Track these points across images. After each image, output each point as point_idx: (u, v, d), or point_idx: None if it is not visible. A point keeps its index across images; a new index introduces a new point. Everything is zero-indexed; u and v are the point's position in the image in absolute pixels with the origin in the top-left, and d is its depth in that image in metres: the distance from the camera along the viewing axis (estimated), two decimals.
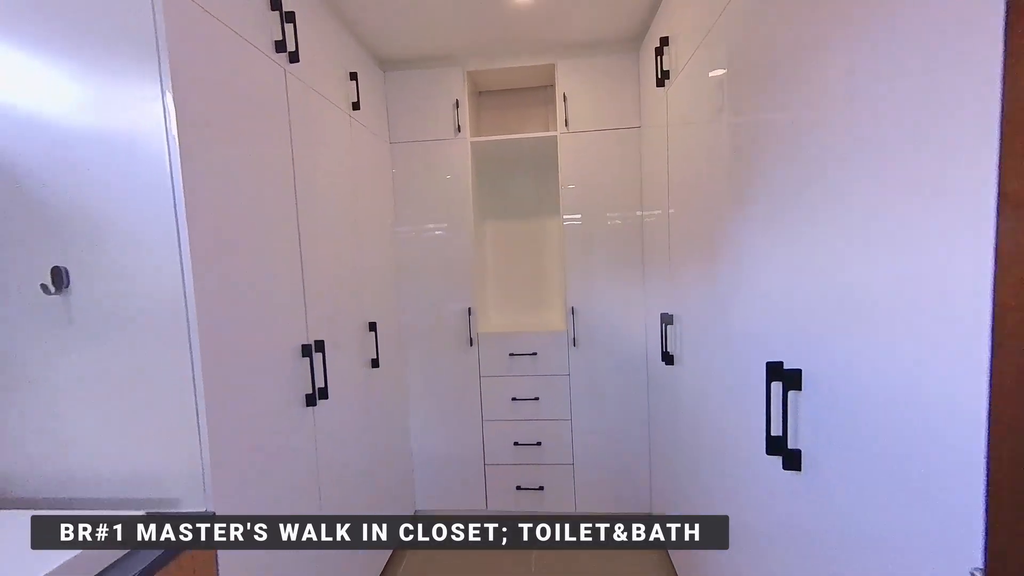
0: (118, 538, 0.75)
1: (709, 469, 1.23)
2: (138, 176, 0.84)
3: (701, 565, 1.36)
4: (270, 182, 1.12)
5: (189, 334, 0.86)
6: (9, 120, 0.85)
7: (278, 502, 1.08)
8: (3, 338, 0.89)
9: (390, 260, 1.93)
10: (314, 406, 1.24)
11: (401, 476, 1.93)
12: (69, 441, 0.89)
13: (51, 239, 0.86)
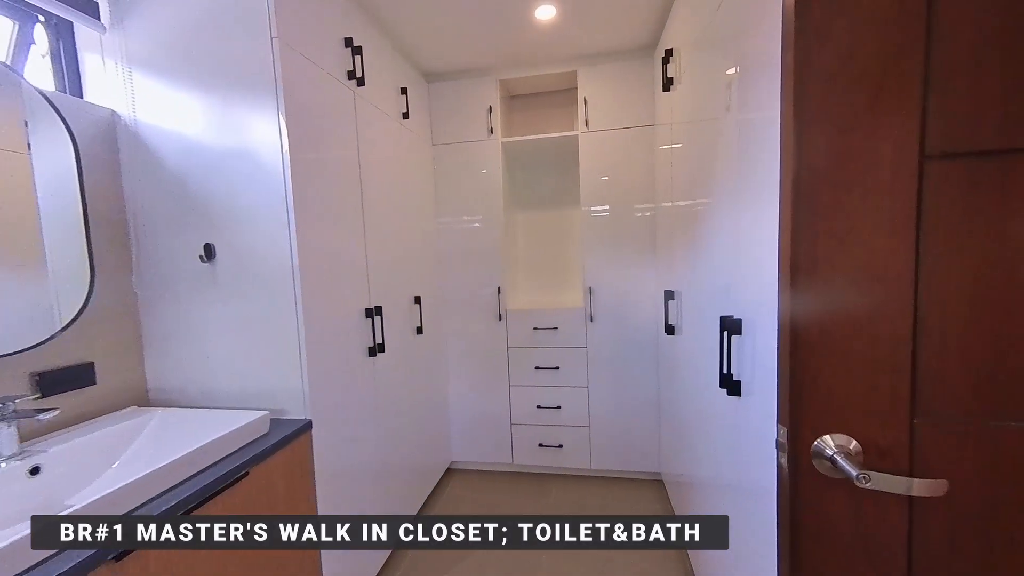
0: (267, 426, 1.10)
1: (690, 411, 1.47)
2: (261, 178, 1.18)
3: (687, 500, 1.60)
4: (344, 180, 1.45)
5: (295, 293, 1.20)
6: (181, 144, 1.22)
7: (347, 423, 1.43)
8: (177, 293, 1.27)
9: (432, 245, 2.25)
10: (374, 357, 1.58)
11: (440, 429, 2.26)
12: (216, 367, 1.27)
13: (205, 224, 1.22)
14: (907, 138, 0.55)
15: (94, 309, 1.15)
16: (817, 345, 0.58)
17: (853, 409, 0.57)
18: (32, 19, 1.23)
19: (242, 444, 1.06)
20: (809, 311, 0.59)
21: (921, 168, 0.55)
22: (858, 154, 0.57)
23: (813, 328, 0.59)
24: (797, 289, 0.60)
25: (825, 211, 0.58)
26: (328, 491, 1.29)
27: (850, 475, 0.53)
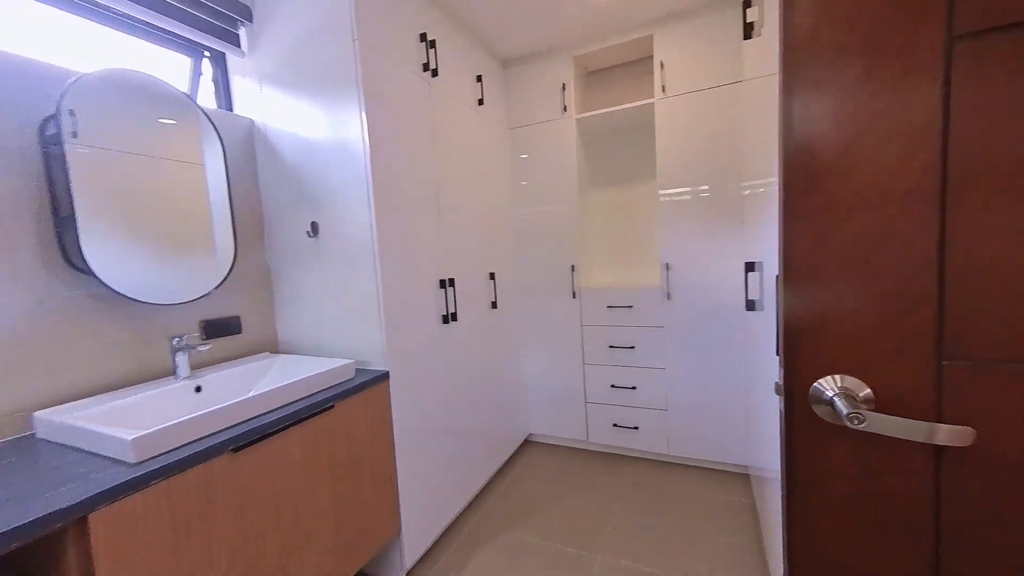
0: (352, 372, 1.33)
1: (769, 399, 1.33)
2: (350, 165, 1.40)
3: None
4: (419, 164, 1.62)
5: (375, 263, 1.40)
6: (295, 141, 1.51)
7: (422, 380, 1.61)
8: (294, 264, 1.58)
9: (508, 224, 2.36)
10: (447, 324, 1.75)
11: (518, 400, 2.38)
12: (320, 325, 1.55)
13: (312, 205, 1.49)
14: (933, 11, 0.45)
15: (239, 276, 1.50)
16: (820, 270, 0.51)
17: (864, 348, 0.49)
18: (200, 55, 1.62)
19: (332, 384, 1.29)
20: (807, 230, 0.51)
21: (949, 49, 0.44)
22: (878, 37, 0.48)
23: (814, 251, 0.51)
24: (793, 197, 0.52)
25: (828, 103, 0.50)
26: (405, 438, 1.49)
27: (841, 414, 0.46)
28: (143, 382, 1.23)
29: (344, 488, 1.26)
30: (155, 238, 1.25)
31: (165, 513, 0.84)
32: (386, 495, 1.41)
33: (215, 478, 0.92)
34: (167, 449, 0.88)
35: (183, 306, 1.34)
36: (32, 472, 0.82)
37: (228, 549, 0.95)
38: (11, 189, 1.03)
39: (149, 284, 1.21)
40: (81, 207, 1.08)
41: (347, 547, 1.26)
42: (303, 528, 1.13)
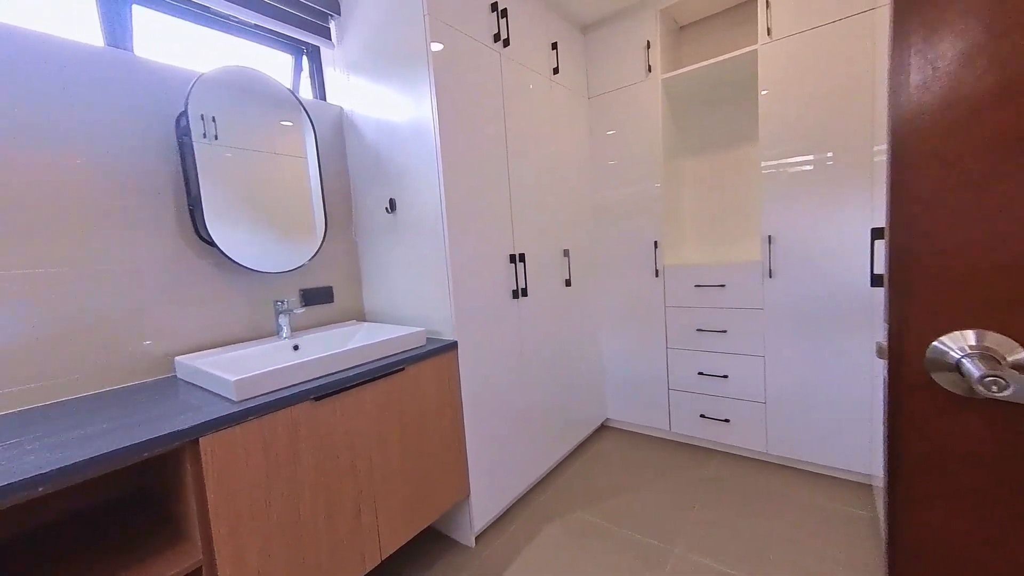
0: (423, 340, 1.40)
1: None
2: (421, 142, 1.44)
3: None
4: (489, 138, 1.61)
5: (443, 237, 1.43)
6: (375, 122, 1.60)
7: (491, 352, 1.63)
8: (375, 239, 1.70)
9: (583, 197, 2.26)
10: (517, 299, 1.74)
11: (594, 382, 2.31)
12: (398, 296, 1.65)
13: (390, 183, 1.58)
14: None
15: (329, 250, 1.66)
16: (939, 188, 0.37)
17: (1004, 296, 0.34)
18: (300, 51, 1.80)
19: (403, 349, 1.36)
20: (925, 130, 0.37)
21: None
22: None
23: (929, 161, 0.37)
24: (900, 97, 0.38)
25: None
26: (474, 407, 1.53)
27: (973, 379, 0.33)
28: (255, 339, 1.43)
29: (414, 447, 1.33)
30: (261, 216, 1.42)
31: (259, 446, 0.96)
32: (454, 459, 1.47)
33: (299, 422, 1.03)
34: (261, 392, 1.01)
35: (285, 275, 1.52)
36: (167, 403, 1.00)
37: (311, 486, 1.06)
38: (157, 172, 1.25)
39: (258, 255, 1.39)
40: (205, 189, 1.27)
41: (417, 502, 1.34)
42: (377, 478, 1.22)
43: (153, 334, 1.23)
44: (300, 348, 1.42)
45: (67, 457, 0.73)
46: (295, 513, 1.03)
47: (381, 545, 1.23)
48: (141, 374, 1.21)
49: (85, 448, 0.76)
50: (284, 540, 1.01)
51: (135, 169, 1.21)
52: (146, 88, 1.23)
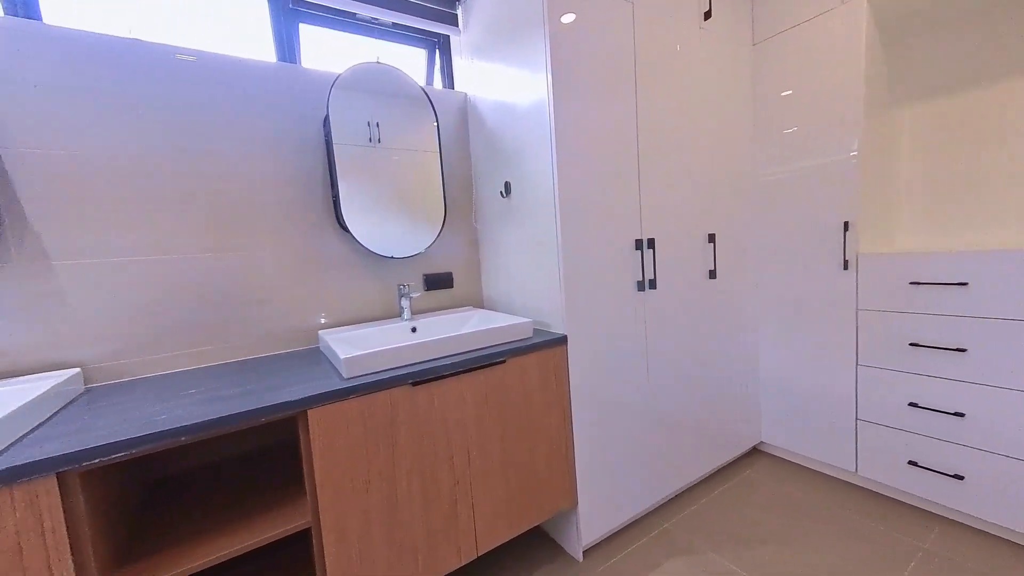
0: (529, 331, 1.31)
1: None
2: (536, 121, 1.32)
3: None
4: (615, 109, 1.39)
5: (555, 221, 1.29)
6: (493, 104, 1.55)
7: (608, 350, 1.43)
8: (490, 224, 1.67)
9: (740, 171, 1.83)
10: (643, 292, 1.49)
11: (744, 396, 1.89)
12: (510, 283, 1.58)
13: (505, 166, 1.51)
14: None
15: (451, 237, 1.69)
16: None
17: None
18: (433, 45, 1.85)
19: (508, 339, 1.28)
20: None
21: None
22: None
23: None
24: None
25: None
26: (585, 409, 1.37)
27: None
28: (386, 318, 1.54)
29: (515, 444, 1.25)
30: (388, 204, 1.51)
31: (359, 423, 0.99)
32: (561, 463, 1.34)
33: (398, 404, 1.04)
34: (368, 371, 1.04)
35: (409, 261, 1.60)
36: (302, 372, 1.12)
37: (407, 468, 1.07)
38: (309, 168, 1.42)
39: (383, 241, 1.48)
40: (342, 182, 1.39)
41: (517, 502, 1.26)
42: (475, 470, 1.17)
43: (305, 308, 1.42)
44: (418, 330, 1.47)
45: (205, 413, 0.85)
46: (392, 494, 1.05)
47: (477, 541, 1.19)
48: (294, 343, 1.40)
49: (221, 406, 0.88)
50: (382, 518, 1.03)
51: (295, 166, 1.39)
52: (306, 94, 1.40)
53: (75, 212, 1.11)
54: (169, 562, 0.85)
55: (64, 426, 0.84)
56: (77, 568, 0.74)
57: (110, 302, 1.15)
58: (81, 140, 1.11)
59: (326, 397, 0.95)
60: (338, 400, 0.97)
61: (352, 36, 1.66)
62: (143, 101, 1.17)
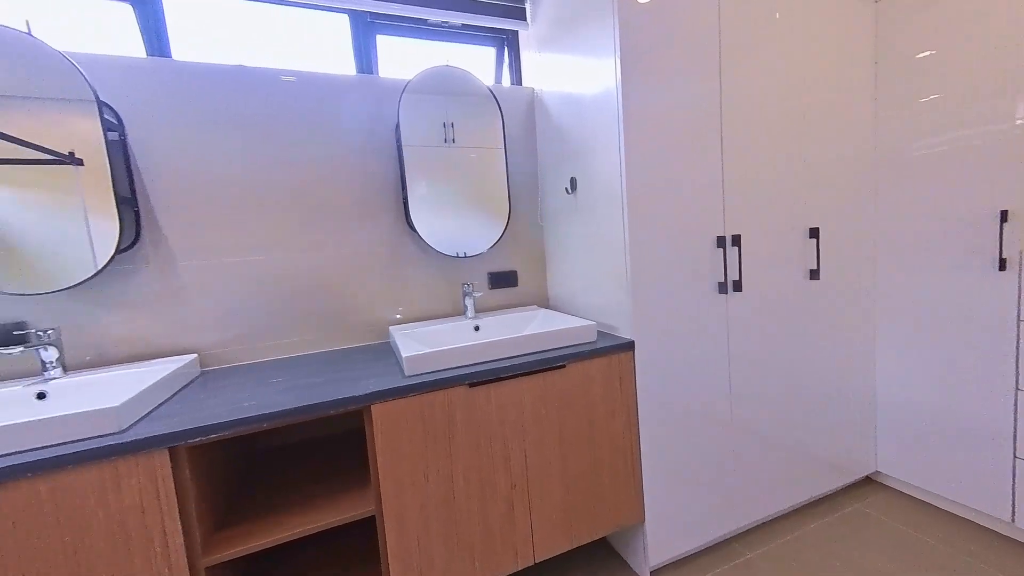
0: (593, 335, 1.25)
1: None
2: (603, 110, 1.24)
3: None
4: (691, 92, 1.25)
5: (622, 217, 1.21)
6: (560, 97, 1.50)
7: (682, 359, 1.31)
8: (555, 222, 1.62)
9: (860, 149, 1.55)
10: (725, 294, 1.34)
11: (853, 415, 1.62)
12: (575, 283, 1.52)
13: (571, 160, 1.45)
14: None
15: (515, 235, 1.67)
16: None
17: None
18: (501, 41, 1.85)
19: (570, 343, 1.23)
20: None
21: None
22: None
23: None
24: None
25: None
26: (654, 421, 1.27)
27: None
28: (452, 316, 1.58)
29: (575, 451, 1.20)
30: (453, 204, 1.53)
31: (418, 421, 1.03)
32: (626, 476, 1.26)
33: (455, 404, 1.06)
34: (428, 370, 1.07)
35: (474, 259, 1.62)
36: (373, 366, 1.19)
37: (464, 467, 1.08)
38: (384, 172, 1.50)
39: (447, 240, 1.51)
40: (410, 183, 1.45)
41: (578, 512, 1.21)
42: (532, 476, 1.15)
43: (380, 305, 1.51)
44: (481, 329, 1.48)
45: (284, 402, 0.94)
46: (449, 491, 1.07)
47: (535, 546, 1.17)
48: (371, 337, 1.50)
49: (299, 396, 0.97)
50: (439, 514, 1.06)
51: (373, 170, 1.48)
52: (381, 102, 1.47)
53: (195, 220, 1.29)
54: (258, 532, 0.96)
55: (179, 405, 0.98)
56: (184, 529, 0.86)
57: (221, 296, 1.32)
58: (200, 157, 1.28)
59: (388, 394, 0.99)
60: (399, 397, 1.00)
61: (425, 41, 1.71)
62: (249, 120, 1.32)
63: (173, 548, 0.84)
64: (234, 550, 0.92)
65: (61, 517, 0.77)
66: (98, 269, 1.13)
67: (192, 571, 0.87)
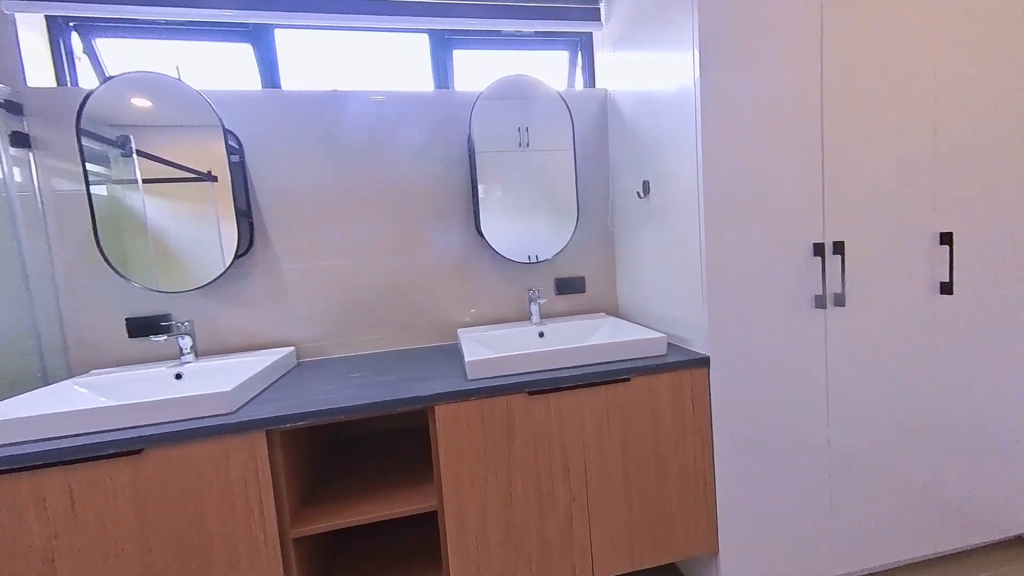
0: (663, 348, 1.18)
1: None
2: (679, 106, 1.17)
3: None
4: (782, 79, 1.12)
5: (698, 220, 1.12)
6: (633, 97, 1.44)
7: (767, 382, 1.17)
8: (626, 227, 1.56)
9: (1012, 137, 1.27)
10: (823, 309, 1.18)
11: (1001, 458, 1.33)
12: (646, 292, 1.45)
13: (644, 163, 1.39)
14: None
15: (583, 241, 1.64)
16: None
17: None
18: (575, 44, 1.82)
19: (638, 354, 1.18)
20: None
21: None
22: None
23: None
24: None
25: None
26: (732, 448, 1.17)
27: None
28: (518, 320, 1.60)
29: (639, 471, 1.14)
30: (520, 212, 1.55)
31: (478, 424, 1.05)
32: (697, 503, 1.17)
33: (514, 411, 1.07)
34: (488, 375, 1.10)
35: (541, 265, 1.62)
36: (438, 367, 1.25)
37: (522, 474, 1.08)
38: (458, 181, 1.57)
39: (514, 246, 1.53)
40: (480, 191, 1.49)
41: (641, 535, 1.16)
42: (592, 489, 1.12)
43: (451, 307, 1.58)
44: (544, 336, 1.48)
45: (358, 397, 1.02)
46: (507, 495, 1.08)
47: (594, 563, 1.14)
48: (443, 338, 1.58)
49: (372, 392, 1.05)
50: (497, 517, 1.08)
51: (448, 179, 1.55)
52: (456, 114, 1.54)
53: (294, 229, 1.46)
54: (336, 513, 1.06)
55: (278, 392, 1.12)
56: (276, 504, 0.98)
57: (314, 297, 1.48)
58: (299, 174, 1.45)
59: (450, 396, 1.03)
60: (460, 400, 1.04)
61: (499, 52, 1.75)
62: (339, 138, 1.47)
63: (268, 518, 0.96)
64: (316, 526, 1.03)
65: (186, 483, 0.92)
66: (224, 270, 1.33)
67: (282, 540, 0.99)
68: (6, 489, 0.85)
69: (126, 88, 1.25)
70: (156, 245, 1.31)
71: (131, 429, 0.92)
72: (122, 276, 1.27)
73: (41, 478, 0.86)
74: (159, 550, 0.92)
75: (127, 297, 1.35)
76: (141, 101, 1.27)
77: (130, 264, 1.28)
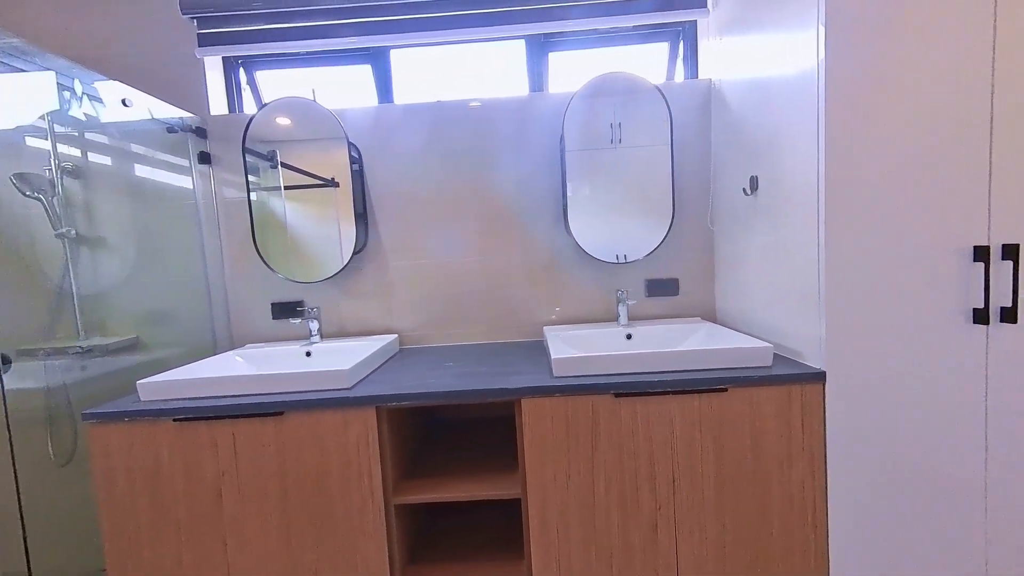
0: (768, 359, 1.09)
1: None
2: (798, 99, 1.06)
3: None
4: (934, 54, 0.95)
5: (817, 219, 1.01)
6: (742, 86, 1.35)
7: (900, 411, 1.01)
8: (729, 227, 1.45)
9: None
10: (986, 325, 0.98)
11: None
12: (751, 297, 1.34)
13: (753, 157, 1.28)
14: None
15: (679, 241, 1.57)
16: None
17: None
18: (676, 35, 1.73)
19: (738, 364, 1.09)
20: None
21: None
22: None
23: None
24: None
25: None
26: (850, 473, 1.03)
27: None
28: (603, 321, 1.59)
29: (735, 489, 1.07)
30: (610, 210, 1.52)
31: (562, 422, 1.07)
32: (804, 533, 1.06)
33: (599, 411, 1.07)
34: (573, 374, 1.11)
35: (630, 265, 1.57)
36: (526, 362, 1.30)
37: (606, 477, 1.08)
38: (549, 181, 1.60)
39: (605, 246, 1.51)
40: (569, 191, 1.50)
41: (735, 558, 1.08)
42: (680, 502, 1.08)
43: (539, 305, 1.62)
44: (633, 337, 1.44)
45: (452, 384, 1.11)
46: (590, 495, 1.08)
47: None
48: (530, 334, 1.63)
49: (465, 381, 1.13)
50: (579, 515, 1.09)
51: (540, 179, 1.60)
52: (549, 116, 1.57)
53: (400, 230, 1.62)
54: (430, 488, 1.17)
55: (384, 375, 1.26)
56: (383, 472, 1.11)
57: (416, 291, 1.63)
58: (406, 179, 1.61)
59: (536, 391, 1.07)
60: (545, 396, 1.07)
61: (597, 50, 1.74)
62: (440, 145, 1.60)
63: (375, 483, 1.10)
64: (415, 496, 1.14)
65: (314, 444, 1.09)
66: (344, 265, 1.53)
67: (386, 505, 1.12)
68: (191, 433, 1.09)
69: (276, 111, 1.50)
70: (292, 242, 1.55)
71: (277, 395, 1.11)
72: (270, 268, 1.53)
73: (215, 427, 1.09)
74: (294, 495, 1.10)
75: (271, 285, 1.62)
76: (284, 120, 1.51)
77: (272, 258, 1.54)
